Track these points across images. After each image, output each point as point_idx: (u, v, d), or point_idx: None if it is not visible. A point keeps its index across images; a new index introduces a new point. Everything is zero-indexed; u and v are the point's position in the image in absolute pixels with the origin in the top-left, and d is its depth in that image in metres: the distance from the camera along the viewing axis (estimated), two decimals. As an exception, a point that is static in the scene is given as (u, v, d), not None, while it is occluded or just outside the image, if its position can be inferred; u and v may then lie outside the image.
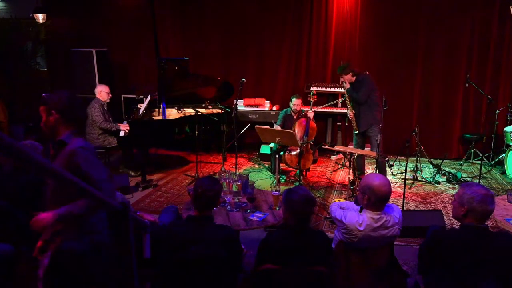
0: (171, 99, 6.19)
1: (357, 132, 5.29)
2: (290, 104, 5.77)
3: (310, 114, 5.54)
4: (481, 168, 5.16)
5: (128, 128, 5.56)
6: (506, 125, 6.03)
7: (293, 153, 5.51)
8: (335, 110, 6.73)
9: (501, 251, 2.27)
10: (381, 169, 5.11)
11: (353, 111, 5.25)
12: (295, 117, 5.72)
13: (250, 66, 7.31)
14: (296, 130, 5.46)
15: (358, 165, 5.35)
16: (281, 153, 5.46)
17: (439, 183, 5.68)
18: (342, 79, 5.26)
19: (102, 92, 5.71)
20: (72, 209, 2.07)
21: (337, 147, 5.48)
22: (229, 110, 6.17)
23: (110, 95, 5.82)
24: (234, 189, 3.57)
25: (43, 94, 2.28)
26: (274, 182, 5.36)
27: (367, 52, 6.75)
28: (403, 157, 5.78)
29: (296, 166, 5.40)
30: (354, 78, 5.14)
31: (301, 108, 5.80)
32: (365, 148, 5.48)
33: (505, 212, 3.30)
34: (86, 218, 2.21)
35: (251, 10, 7.11)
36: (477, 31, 6.36)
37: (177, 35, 7.52)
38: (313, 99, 5.57)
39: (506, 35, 6.27)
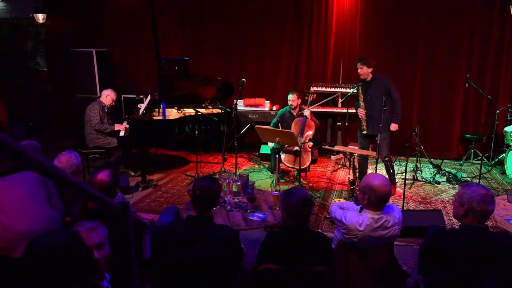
0: (171, 99, 6.19)
1: (364, 132, 5.06)
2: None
3: (307, 113, 5.55)
4: (481, 168, 5.16)
5: (127, 127, 5.56)
6: (506, 125, 6.02)
7: (291, 152, 5.52)
8: (335, 110, 6.73)
9: (501, 251, 2.27)
10: (388, 171, 5.08)
11: (365, 110, 5.00)
12: (294, 113, 5.75)
13: (250, 66, 7.31)
14: (293, 129, 5.47)
15: (361, 169, 5.27)
16: (280, 153, 5.47)
17: (439, 183, 5.68)
18: (359, 70, 4.96)
19: (109, 96, 5.76)
20: None
21: (337, 147, 5.48)
22: (229, 110, 6.17)
23: (114, 103, 5.90)
24: (234, 189, 3.57)
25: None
26: (274, 182, 5.36)
27: (367, 52, 6.71)
28: (403, 157, 5.77)
29: (294, 166, 5.41)
30: (371, 75, 4.94)
31: (299, 105, 5.81)
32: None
33: (505, 212, 3.31)
34: None
35: (251, 10, 7.10)
36: (477, 31, 6.35)
37: (177, 35, 7.51)
38: (311, 98, 5.59)
39: (506, 35, 6.26)
